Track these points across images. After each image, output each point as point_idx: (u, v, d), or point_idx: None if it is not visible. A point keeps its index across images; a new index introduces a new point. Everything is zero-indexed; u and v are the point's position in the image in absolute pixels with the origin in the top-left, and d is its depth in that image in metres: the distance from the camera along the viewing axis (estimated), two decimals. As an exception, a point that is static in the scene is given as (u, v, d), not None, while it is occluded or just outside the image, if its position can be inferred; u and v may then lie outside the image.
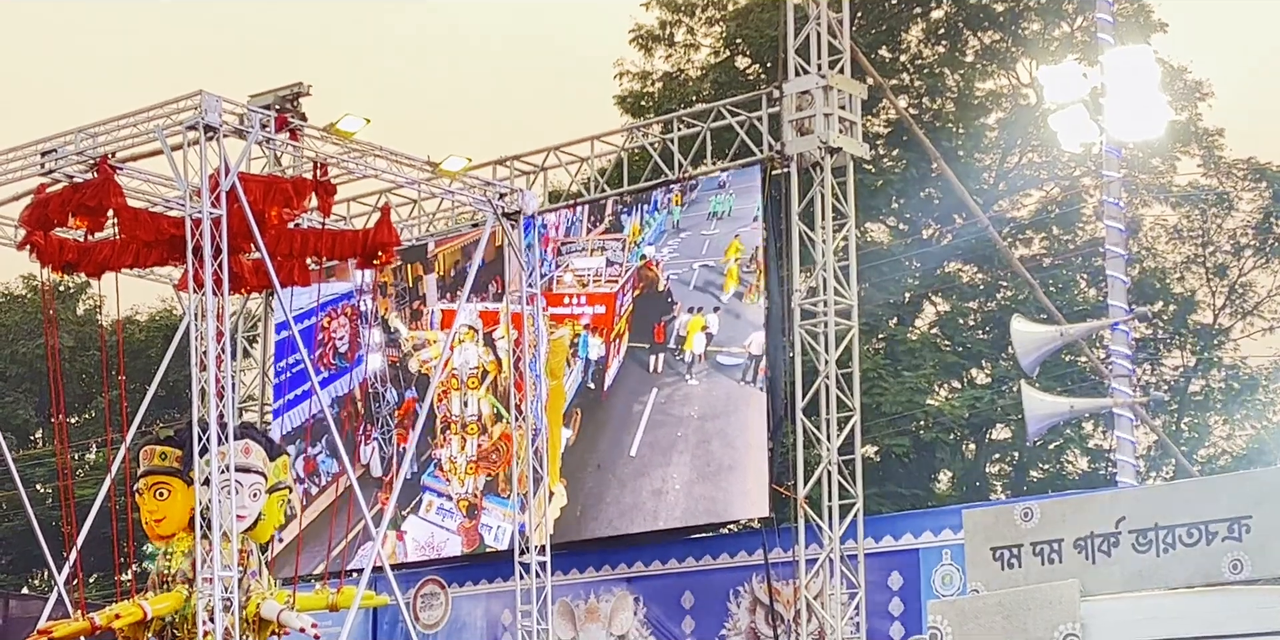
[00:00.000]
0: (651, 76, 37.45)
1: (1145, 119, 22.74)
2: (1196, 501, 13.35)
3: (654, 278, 26.02)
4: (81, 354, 44.12)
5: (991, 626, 13.61)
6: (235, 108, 18.60)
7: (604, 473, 25.58)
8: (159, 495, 18.52)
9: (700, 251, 25.67)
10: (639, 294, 26.15)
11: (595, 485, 25.78)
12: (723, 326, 25.20)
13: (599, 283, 26.31)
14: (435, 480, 27.22)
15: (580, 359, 25.86)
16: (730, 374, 24.95)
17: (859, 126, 24.81)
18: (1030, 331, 22.61)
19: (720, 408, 25.03)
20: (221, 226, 17.94)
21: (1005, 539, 14.09)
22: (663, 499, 25.13)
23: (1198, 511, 13.27)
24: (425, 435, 26.05)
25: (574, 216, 26.63)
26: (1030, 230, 37.82)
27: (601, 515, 25.61)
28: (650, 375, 25.70)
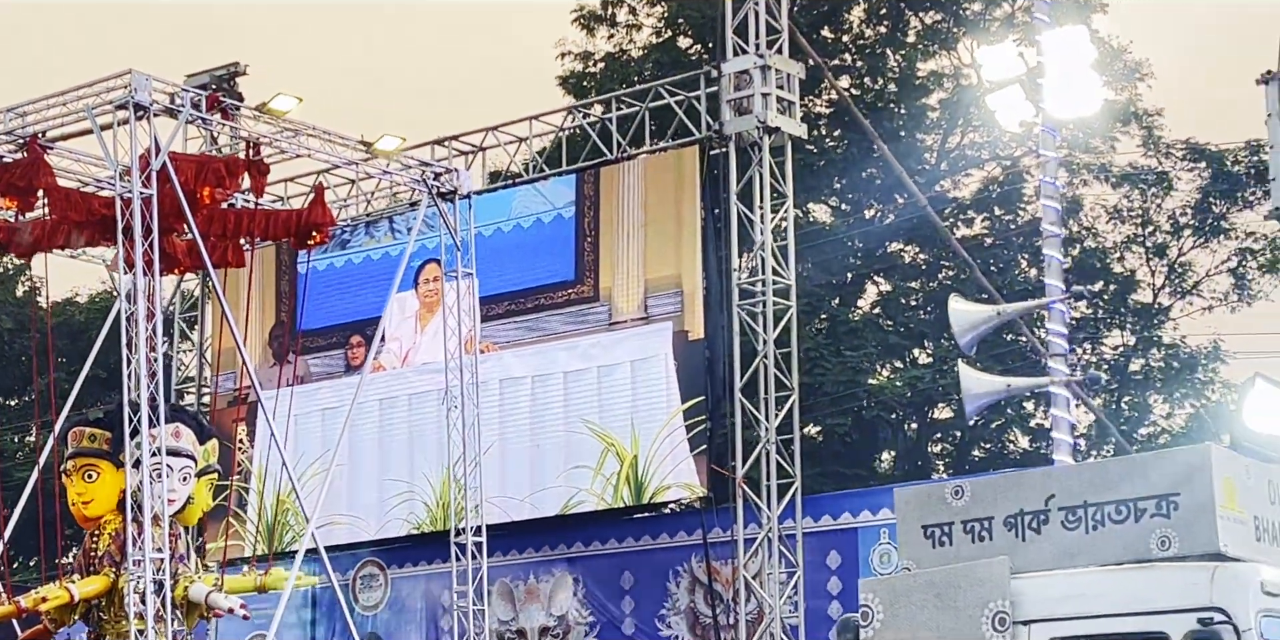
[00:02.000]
0: (594, 57, 37.34)
1: (1081, 98, 22.67)
2: (1125, 479, 13.35)
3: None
4: (21, 336, 43.75)
5: (922, 604, 13.57)
6: (166, 87, 18.47)
7: (541, 452, 25.58)
8: (87, 477, 18.41)
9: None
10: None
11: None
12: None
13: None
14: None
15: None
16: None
17: (797, 106, 24.80)
18: (968, 310, 22.55)
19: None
20: (152, 206, 17.79)
21: (936, 517, 14.06)
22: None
23: (1126, 489, 13.27)
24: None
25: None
26: (972, 210, 37.88)
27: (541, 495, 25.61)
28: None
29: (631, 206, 25.69)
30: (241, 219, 19.64)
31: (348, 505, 27.43)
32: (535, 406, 25.94)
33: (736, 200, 24.23)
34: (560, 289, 26.34)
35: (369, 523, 27.21)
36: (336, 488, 27.26)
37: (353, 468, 27.39)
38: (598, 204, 26.11)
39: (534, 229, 26.60)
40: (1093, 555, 13.36)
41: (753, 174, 24.25)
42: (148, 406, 17.44)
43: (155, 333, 17.72)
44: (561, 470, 25.48)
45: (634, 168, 25.56)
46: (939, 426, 37.96)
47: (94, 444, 18.43)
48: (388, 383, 27.21)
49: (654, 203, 25.49)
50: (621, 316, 25.62)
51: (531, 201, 26.63)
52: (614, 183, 25.84)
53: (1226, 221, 36.07)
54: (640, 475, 24.78)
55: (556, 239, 26.37)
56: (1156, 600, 12.62)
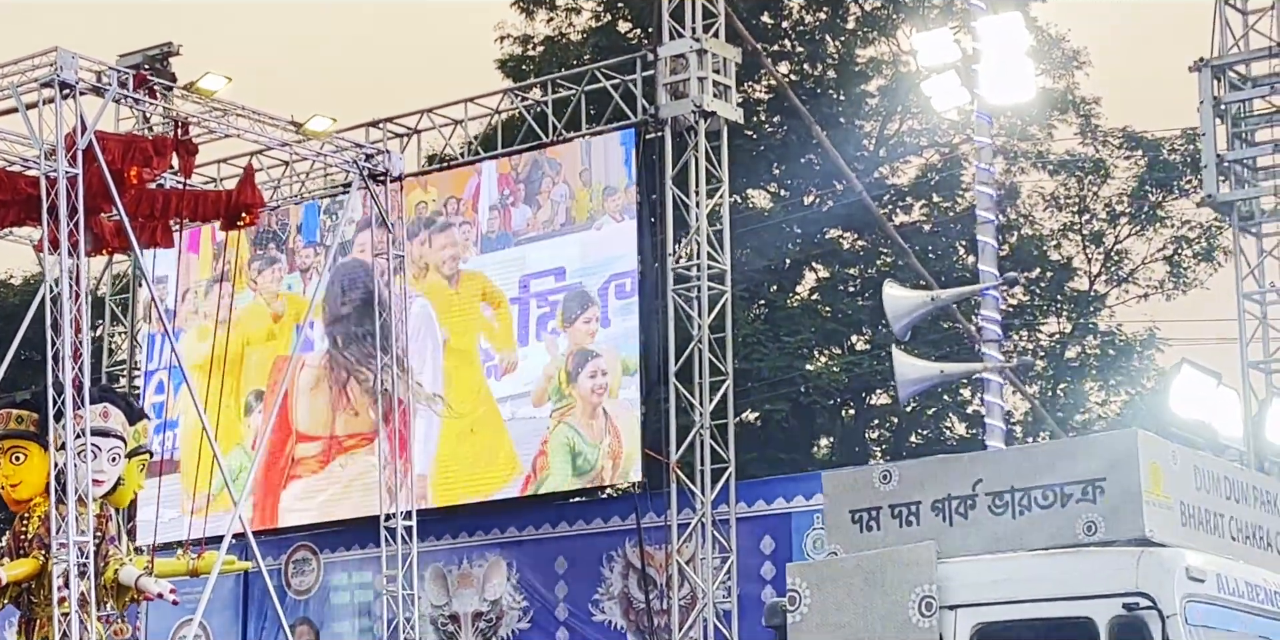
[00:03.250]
0: (533, 40, 37.20)
1: (1015, 85, 22.74)
2: (1052, 465, 13.34)
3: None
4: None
5: (850, 588, 13.54)
6: (93, 65, 18.26)
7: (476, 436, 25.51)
8: (15, 459, 18.18)
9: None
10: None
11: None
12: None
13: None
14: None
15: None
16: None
17: (734, 91, 24.75)
18: (901, 296, 22.56)
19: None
20: (78, 186, 17.62)
21: (864, 501, 14.03)
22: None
23: (1053, 474, 13.26)
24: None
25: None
26: (910, 197, 37.93)
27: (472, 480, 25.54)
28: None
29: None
30: (170, 199, 19.46)
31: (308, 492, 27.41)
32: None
33: (672, 185, 24.16)
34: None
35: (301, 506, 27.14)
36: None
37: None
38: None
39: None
40: (1020, 540, 13.36)
41: (688, 159, 24.18)
42: (72, 388, 17.28)
43: (81, 314, 17.57)
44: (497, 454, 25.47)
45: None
46: (876, 413, 38.02)
47: (21, 426, 18.19)
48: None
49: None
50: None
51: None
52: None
53: (1162, 209, 36.22)
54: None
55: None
56: (1082, 585, 12.62)
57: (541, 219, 25.74)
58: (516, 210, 25.90)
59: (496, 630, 25.79)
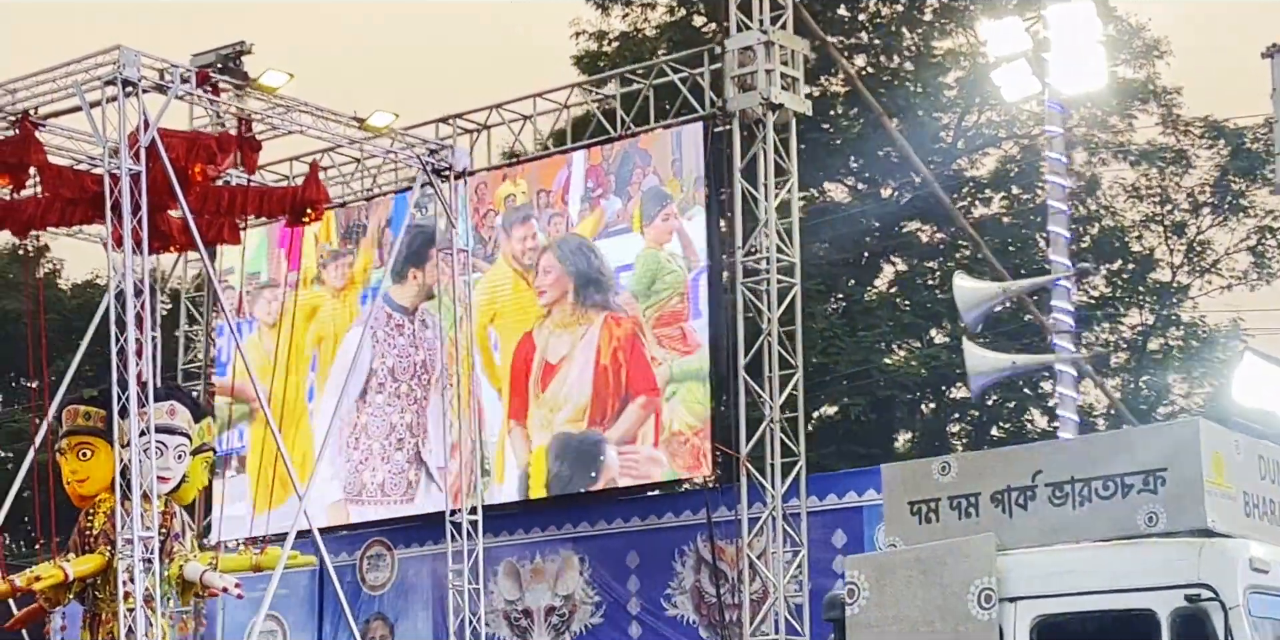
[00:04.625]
0: (608, 36, 37.20)
1: (1086, 73, 22.53)
2: (1112, 455, 13.18)
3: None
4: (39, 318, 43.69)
5: (908, 580, 13.42)
6: (155, 63, 18.33)
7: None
8: (82, 456, 18.30)
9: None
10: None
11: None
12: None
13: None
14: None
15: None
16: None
17: (801, 83, 24.61)
18: (972, 288, 22.41)
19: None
20: (140, 183, 17.69)
21: (922, 493, 13.91)
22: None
23: (1113, 465, 13.10)
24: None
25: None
26: (989, 189, 37.71)
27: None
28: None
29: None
30: (235, 196, 19.55)
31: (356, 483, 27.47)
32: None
33: (741, 178, 24.06)
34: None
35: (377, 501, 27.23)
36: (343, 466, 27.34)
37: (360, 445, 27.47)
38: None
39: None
40: (1080, 531, 13.21)
41: (756, 151, 24.07)
42: (136, 385, 17.35)
43: (145, 310, 17.64)
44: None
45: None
46: (956, 406, 37.81)
47: (89, 422, 18.32)
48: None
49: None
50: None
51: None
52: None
53: (1245, 199, 35.84)
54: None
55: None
56: (1143, 577, 12.46)
57: (633, 210, 25.63)
58: (606, 201, 25.83)
59: (569, 625, 25.79)
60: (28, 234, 19.68)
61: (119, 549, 17.40)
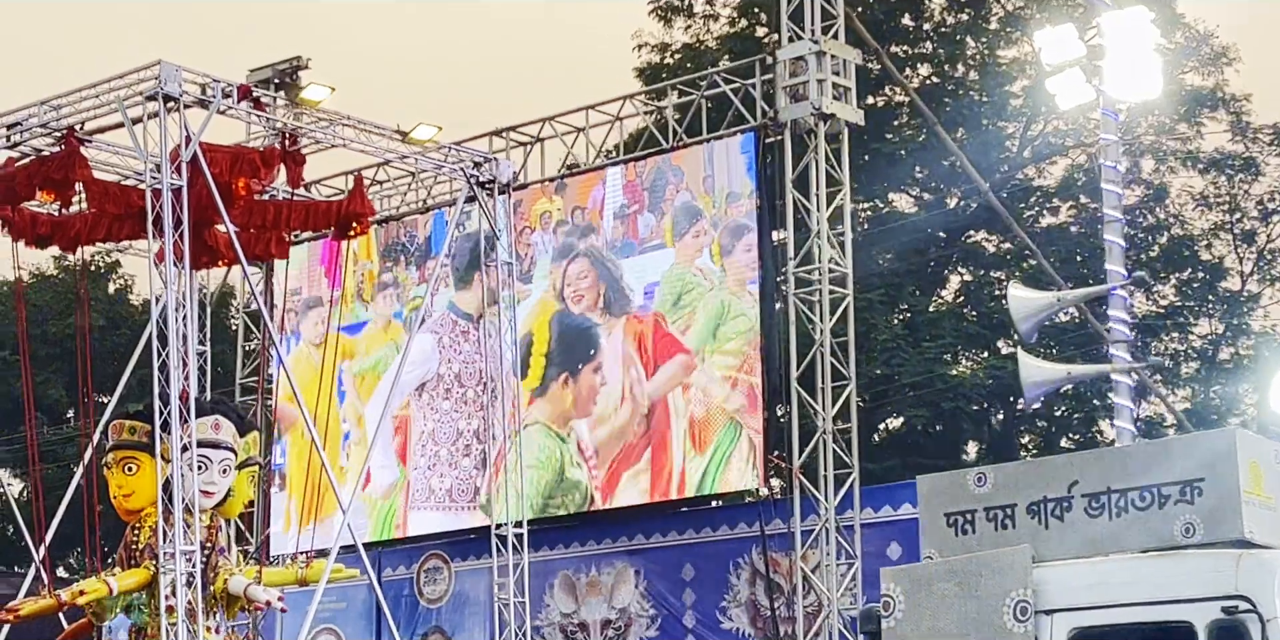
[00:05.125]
0: (671, 48, 37.16)
1: (1142, 80, 22.28)
2: (1149, 465, 13.01)
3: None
4: (112, 333, 44.09)
5: (944, 593, 13.29)
6: (197, 77, 18.38)
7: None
8: (127, 470, 18.30)
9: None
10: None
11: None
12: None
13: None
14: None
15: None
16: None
17: (853, 92, 24.46)
18: (1027, 297, 22.21)
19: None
20: (182, 197, 17.73)
21: (958, 504, 13.78)
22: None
23: (1150, 475, 12.94)
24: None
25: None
26: (1057, 199, 37.46)
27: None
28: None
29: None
30: (281, 210, 19.56)
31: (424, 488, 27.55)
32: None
33: (792, 188, 23.96)
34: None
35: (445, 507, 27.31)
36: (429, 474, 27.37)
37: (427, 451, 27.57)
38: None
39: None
40: (1116, 543, 13.06)
41: (808, 161, 23.95)
42: (179, 399, 17.37)
43: (188, 325, 17.67)
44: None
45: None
46: (1026, 417, 37.54)
47: (134, 436, 18.34)
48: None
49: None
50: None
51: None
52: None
53: (1317, 206, 35.52)
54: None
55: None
56: (1180, 589, 12.29)
57: (665, 226, 25.64)
58: (641, 218, 25.82)
59: (625, 638, 25.72)
60: (76, 249, 19.75)
61: (161, 563, 17.42)
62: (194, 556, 17.41)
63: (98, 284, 46.34)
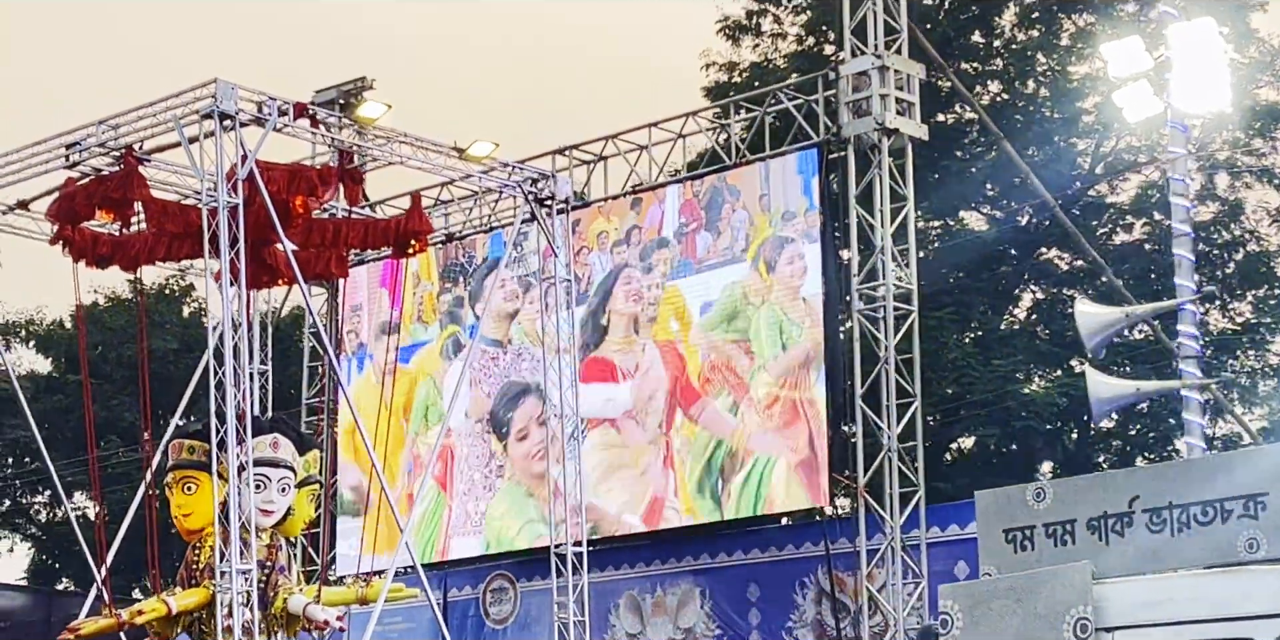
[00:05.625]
0: (739, 67, 37.02)
1: (1210, 93, 22.08)
2: (1211, 479, 12.83)
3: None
4: (186, 356, 44.22)
5: (1003, 610, 13.13)
6: (253, 95, 18.37)
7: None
8: (186, 489, 18.33)
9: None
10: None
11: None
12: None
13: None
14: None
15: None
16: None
17: (917, 107, 24.28)
18: (1094, 313, 22.05)
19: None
20: (238, 216, 17.73)
21: (1017, 520, 13.64)
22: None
23: (1212, 489, 12.76)
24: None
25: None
26: (1131, 215, 37.08)
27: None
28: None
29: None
30: (340, 229, 19.55)
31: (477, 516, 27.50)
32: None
33: (856, 204, 23.78)
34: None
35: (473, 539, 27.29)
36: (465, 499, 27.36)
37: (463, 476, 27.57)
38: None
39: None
40: (1178, 558, 12.88)
41: (872, 177, 23.78)
42: (234, 418, 17.35)
43: (243, 344, 17.66)
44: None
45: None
46: (1101, 436, 37.14)
47: (193, 456, 18.35)
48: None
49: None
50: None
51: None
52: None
53: (1395, 223, 35.03)
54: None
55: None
56: (1244, 605, 12.10)
57: (721, 246, 25.56)
58: (699, 237, 25.75)
59: (691, 658, 25.60)
60: (137, 269, 19.79)
61: (217, 582, 17.40)
62: (251, 575, 17.35)
63: (171, 307, 46.53)
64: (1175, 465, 15.18)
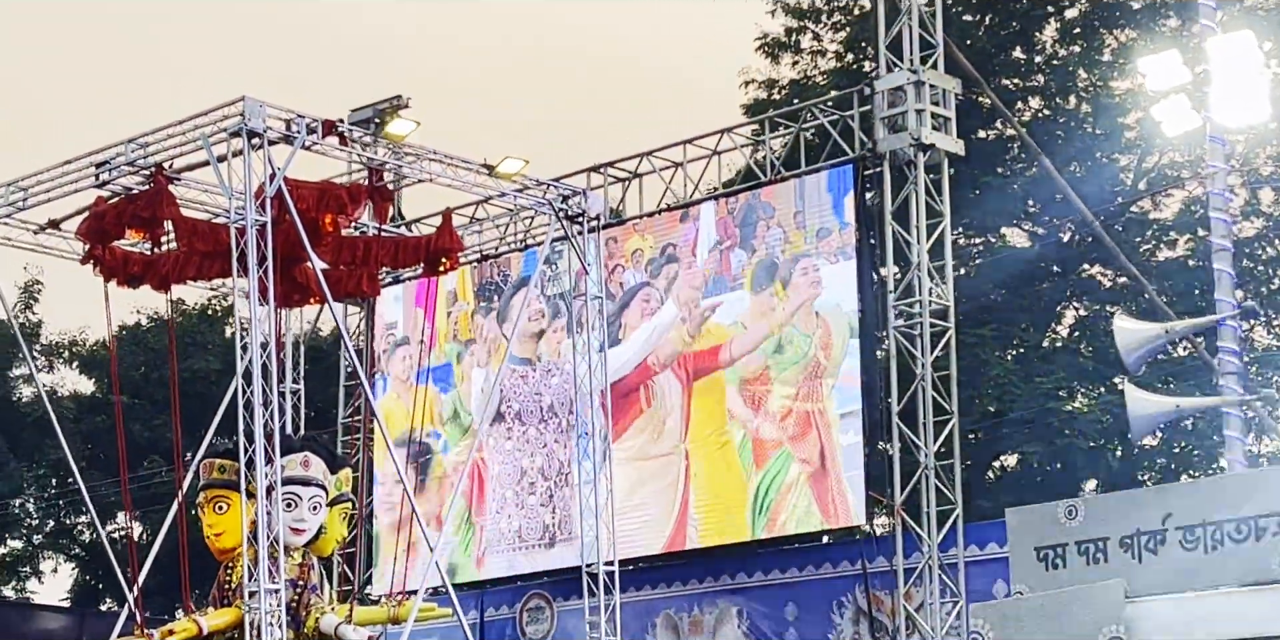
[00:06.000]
0: (778, 84, 36.91)
1: (1249, 106, 21.87)
2: (1245, 496, 12.72)
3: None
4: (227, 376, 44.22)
5: (1034, 629, 13.04)
6: (281, 113, 18.32)
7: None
8: (218, 509, 18.24)
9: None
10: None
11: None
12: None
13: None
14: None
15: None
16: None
17: (953, 122, 24.14)
18: (1133, 329, 21.81)
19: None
20: (266, 234, 17.68)
21: (1049, 538, 13.55)
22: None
23: (1247, 506, 12.64)
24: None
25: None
26: (1174, 231, 36.82)
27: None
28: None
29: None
30: (371, 246, 19.48)
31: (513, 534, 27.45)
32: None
33: (892, 220, 23.64)
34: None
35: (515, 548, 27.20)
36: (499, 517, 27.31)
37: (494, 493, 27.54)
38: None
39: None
40: (1212, 577, 12.75)
41: (908, 193, 23.63)
42: (263, 436, 17.29)
43: (271, 362, 17.61)
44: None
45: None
46: (1146, 454, 36.84)
47: (224, 475, 18.26)
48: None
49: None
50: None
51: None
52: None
53: None
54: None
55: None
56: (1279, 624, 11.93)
57: (756, 262, 25.45)
58: (733, 254, 25.66)
59: (728, 678, 25.45)
60: (168, 289, 19.72)
61: (246, 602, 17.32)
62: (280, 595, 17.27)
63: (213, 328, 46.60)
64: (1209, 482, 15.01)
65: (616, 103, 64.46)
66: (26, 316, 45.34)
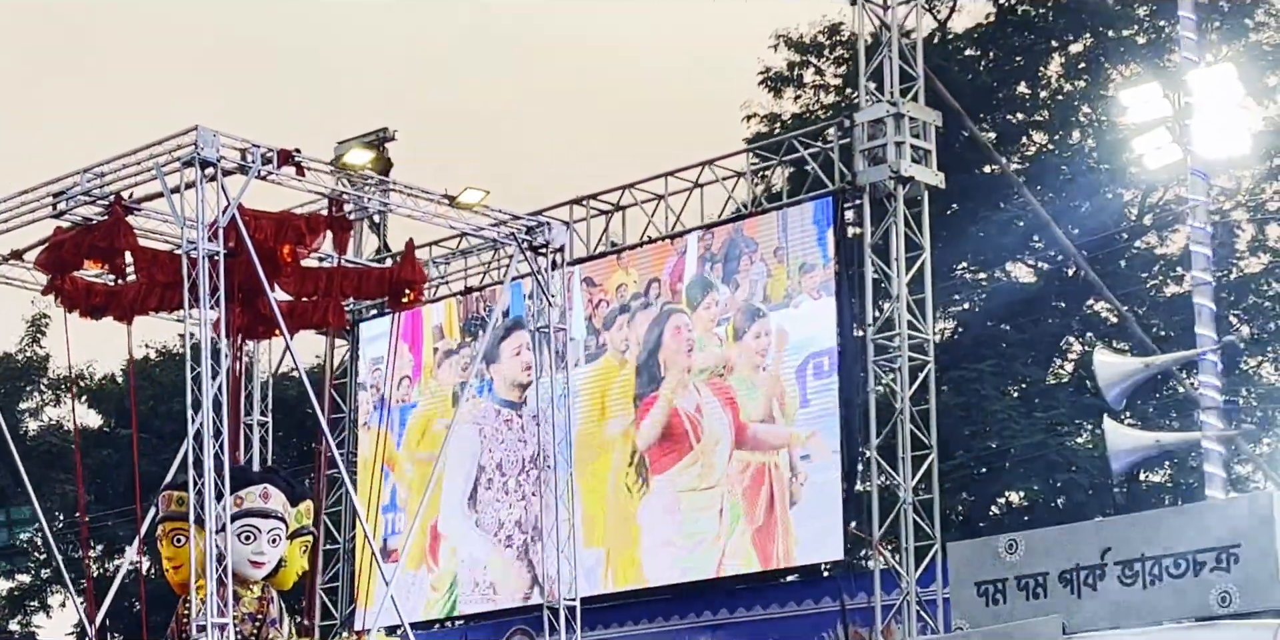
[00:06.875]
0: (780, 118, 36.78)
1: (1229, 137, 21.80)
2: (1182, 531, 12.53)
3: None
4: (218, 411, 44.17)
5: (973, 666, 12.80)
6: (235, 142, 18.20)
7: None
8: (176, 542, 18.04)
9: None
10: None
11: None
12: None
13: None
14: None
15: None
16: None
17: (934, 155, 23.95)
18: (1114, 363, 21.71)
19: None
20: (218, 264, 17.55)
21: (990, 573, 13.39)
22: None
23: (1184, 541, 12.44)
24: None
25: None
26: (1180, 266, 36.56)
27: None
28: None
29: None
30: (334, 278, 19.32)
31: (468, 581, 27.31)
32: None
33: (872, 253, 23.47)
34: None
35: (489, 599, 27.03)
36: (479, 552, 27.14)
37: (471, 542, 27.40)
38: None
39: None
40: (1151, 612, 12.56)
41: (888, 226, 23.48)
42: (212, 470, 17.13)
43: (224, 394, 17.47)
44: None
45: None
46: (1155, 489, 36.56)
47: (181, 507, 18.08)
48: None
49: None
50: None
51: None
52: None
53: None
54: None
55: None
56: (1216, 662, 11.70)
57: (740, 298, 25.26)
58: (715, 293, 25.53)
59: (705, 717, 25.22)
60: (130, 320, 19.58)
61: (194, 637, 17.15)
62: (228, 630, 17.08)
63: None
64: (1147, 516, 14.79)
65: (610, 134, 64.48)
66: (34, 350, 45.45)
